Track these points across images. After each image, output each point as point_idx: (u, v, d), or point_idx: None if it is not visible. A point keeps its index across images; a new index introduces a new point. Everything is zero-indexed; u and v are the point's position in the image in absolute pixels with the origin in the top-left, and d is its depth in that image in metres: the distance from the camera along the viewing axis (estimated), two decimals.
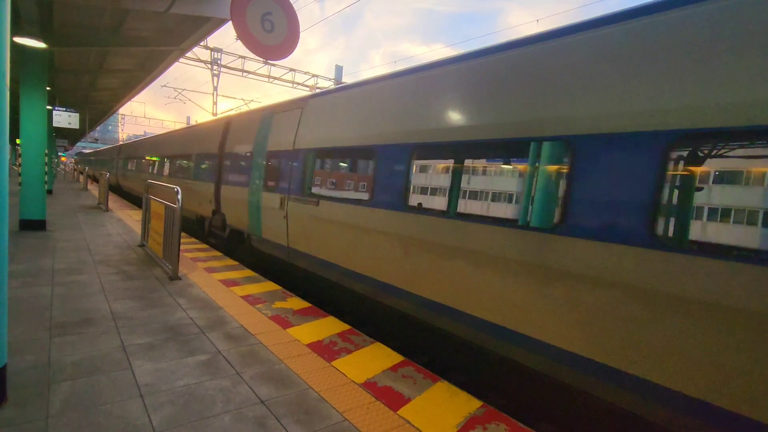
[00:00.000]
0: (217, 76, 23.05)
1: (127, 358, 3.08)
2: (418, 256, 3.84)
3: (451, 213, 3.56)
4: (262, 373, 3.04)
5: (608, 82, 2.68)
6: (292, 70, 23.44)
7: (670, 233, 2.35)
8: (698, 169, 2.30)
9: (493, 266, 3.23)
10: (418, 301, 3.88)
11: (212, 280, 5.50)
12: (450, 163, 3.63)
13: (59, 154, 34.39)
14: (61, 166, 40.69)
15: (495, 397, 3.77)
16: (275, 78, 23.33)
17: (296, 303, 4.81)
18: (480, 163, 3.43)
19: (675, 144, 2.35)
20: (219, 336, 3.65)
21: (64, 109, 11.25)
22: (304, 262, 5.66)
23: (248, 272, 6.10)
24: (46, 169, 8.19)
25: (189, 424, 2.34)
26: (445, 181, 3.68)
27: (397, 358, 3.51)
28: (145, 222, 7.23)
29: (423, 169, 3.92)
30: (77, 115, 11.65)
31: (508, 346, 3.18)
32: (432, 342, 4.28)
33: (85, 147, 62.48)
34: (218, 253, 7.38)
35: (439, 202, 3.68)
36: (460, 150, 3.55)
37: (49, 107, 9.46)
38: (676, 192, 2.36)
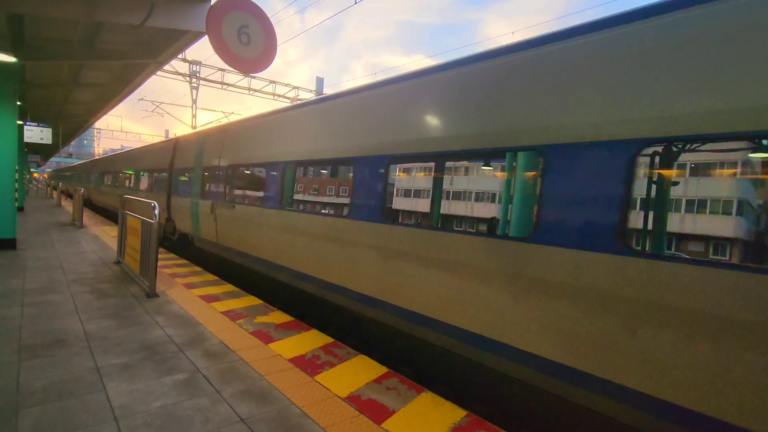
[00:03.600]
0: (196, 88, 22.83)
1: (101, 380, 2.97)
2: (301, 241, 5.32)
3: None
4: (242, 390, 2.97)
5: (571, 93, 2.78)
6: (272, 82, 23.41)
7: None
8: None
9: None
10: (319, 283, 5.02)
11: (191, 296, 5.37)
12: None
13: (31, 170, 33.34)
14: (33, 183, 39.38)
15: (479, 406, 3.77)
16: (255, 90, 23.23)
17: (278, 317, 4.74)
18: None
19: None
20: (198, 353, 3.56)
21: (36, 124, 10.94)
22: (230, 255, 7.31)
23: (229, 287, 5.99)
24: (17, 185, 7.92)
25: None
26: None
27: (381, 369, 3.49)
28: (122, 238, 7.04)
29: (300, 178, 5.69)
30: (50, 129, 11.34)
31: (484, 354, 3.20)
32: (416, 352, 4.27)
33: (60, 162, 60.73)
34: (198, 269, 7.23)
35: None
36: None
37: (20, 122, 9.18)
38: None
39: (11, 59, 7.00)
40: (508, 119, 3.11)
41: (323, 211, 5.16)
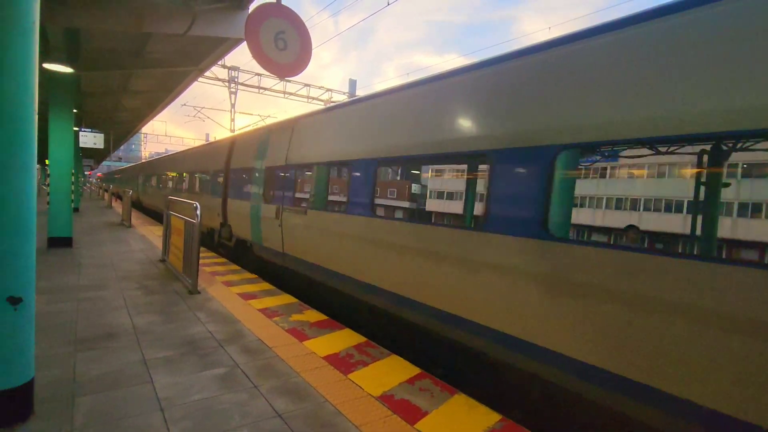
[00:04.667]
0: (235, 93, 23.67)
1: (148, 372, 3.14)
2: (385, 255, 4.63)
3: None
4: (278, 386, 3.05)
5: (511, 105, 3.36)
6: (306, 85, 23.90)
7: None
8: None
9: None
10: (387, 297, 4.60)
11: (230, 293, 5.57)
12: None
13: (85, 173, 35.62)
14: (87, 185, 42.13)
15: (514, 411, 3.68)
16: (290, 93, 23.82)
17: (313, 315, 4.83)
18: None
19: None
20: (237, 349, 3.69)
21: (90, 130, 11.72)
22: (298, 267, 6.42)
23: (266, 285, 6.16)
24: (73, 188, 8.50)
25: None
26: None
27: (414, 370, 3.48)
28: (166, 237, 7.41)
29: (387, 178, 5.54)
30: (102, 135, 12.12)
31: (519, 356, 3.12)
32: (449, 354, 4.24)
33: (110, 166, 64.60)
34: (236, 267, 7.49)
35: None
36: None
37: (75, 129, 9.87)
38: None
39: (69, 70, 7.54)
40: None
41: (441, 221, 4.43)
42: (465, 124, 3.82)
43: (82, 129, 11.60)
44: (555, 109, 3.07)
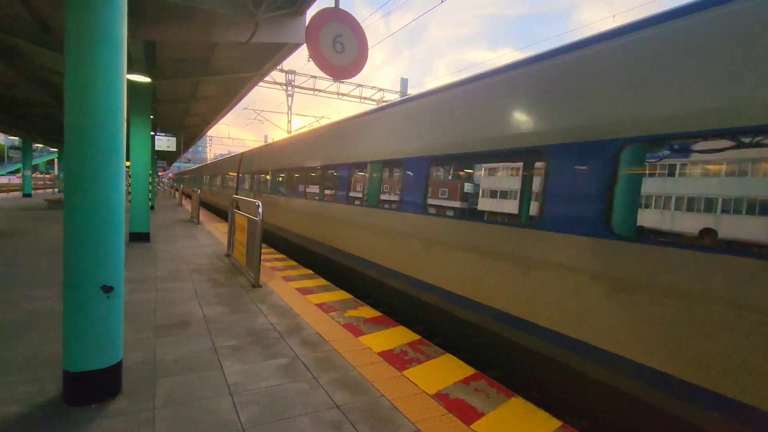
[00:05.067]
0: (291, 96, 24.58)
1: (218, 359, 3.38)
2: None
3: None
4: (336, 378, 3.16)
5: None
6: (359, 85, 24.27)
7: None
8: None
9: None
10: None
11: (289, 288, 5.83)
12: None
13: (159, 173, 38.76)
14: (160, 185, 45.85)
15: (576, 419, 3.53)
16: (344, 94, 24.33)
17: (367, 312, 4.93)
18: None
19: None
20: (297, 341, 3.86)
21: (164, 134, 12.76)
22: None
23: (322, 281, 6.38)
24: (150, 188, 9.32)
25: (272, 424, 2.50)
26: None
27: (469, 370, 3.45)
28: (231, 234, 7.90)
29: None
30: (174, 138, 13.15)
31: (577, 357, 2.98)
32: (504, 355, 4.14)
33: (180, 167, 69.83)
34: (294, 263, 7.81)
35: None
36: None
37: (151, 133, 10.80)
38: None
39: (146, 80, 8.27)
40: None
41: (497, 219, 4.19)
42: (521, 119, 3.71)
43: (157, 133, 12.68)
44: (619, 100, 2.90)
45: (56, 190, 32.89)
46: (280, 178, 10.70)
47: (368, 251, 6.01)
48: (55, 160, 41.43)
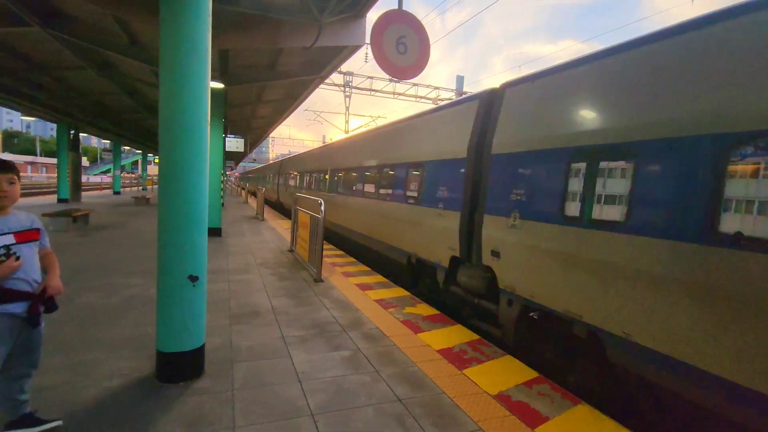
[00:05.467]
0: (349, 97, 25.15)
1: (287, 348, 3.60)
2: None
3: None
4: (397, 373, 3.24)
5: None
6: (415, 85, 24.28)
7: None
8: None
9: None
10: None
11: (349, 283, 6.02)
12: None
13: (228, 172, 41.43)
14: (227, 184, 49.03)
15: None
16: (399, 94, 24.47)
17: (425, 309, 4.97)
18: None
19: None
20: (358, 335, 4.00)
21: (233, 136, 13.66)
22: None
23: (380, 278, 6.51)
24: (223, 186, 10.03)
25: (339, 412, 2.63)
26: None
27: (532, 374, 3.37)
28: (294, 230, 8.30)
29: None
30: (242, 140, 14.03)
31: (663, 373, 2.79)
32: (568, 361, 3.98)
33: (245, 166, 74.13)
34: (352, 259, 8.04)
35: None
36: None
37: (223, 135, 11.61)
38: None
39: (221, 86, 8.91)
40: None
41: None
42: (603, 113, 3.48)
43: (228, 135, 13.61)
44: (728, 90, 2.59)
45: (140, 188, 36.34)
46: (351, 176, 9.87)
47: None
48: (139, 161, 45.82)
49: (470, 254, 4.97)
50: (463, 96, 6.29)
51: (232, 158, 30.13)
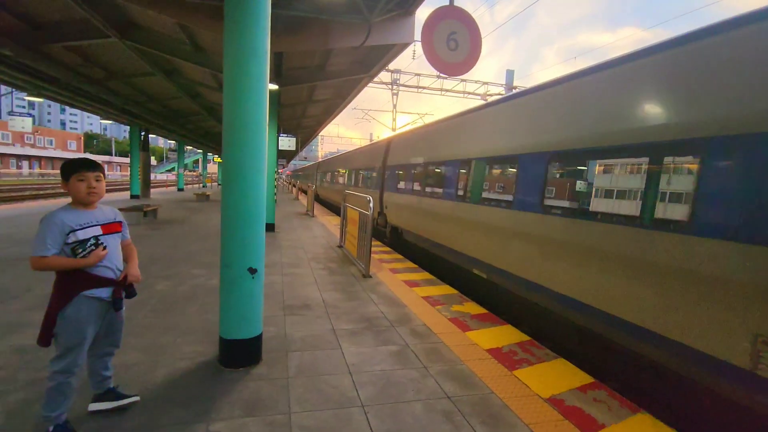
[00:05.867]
0: (396, 94, 25.21)
1: (337, 340, 3.72)
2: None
3: None
4: (445, 370, 3.25)
5: None
6: (463, 80, 23.84)
7: None
8: None
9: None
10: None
11: (396, 280, 6.08)
12: None
13: (281, 170, 43.04)
14: (279, 181, 50.92)
15: None
16: (447, 90, 24.15)
17: (473, 308, 4.91)
18: None
19: None
20: (406, 331, 4.04)
21: (286, 135, 14.16)
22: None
23: (426, 275, 6.51)
24: (276, 183, 10.47)
25: (388, 405, 2.69)
26: None
27: (587, 378, 3.24)
28: (343, 227, 8.49)
29: None
30: (294, 138, 14.50)
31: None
32: (624, 367, 3.78)
33: (296, 164, 76.64)
34: (399, 256, 8.09)
35: None
36: None
37: (277, 135, 12.07)
38: None
39: (275, 87, 9.29)
40: None
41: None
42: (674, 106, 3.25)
43: (281, 134, 14.13)
44: None
45: (201, 185, 38.72)
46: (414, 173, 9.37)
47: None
48: (200, 159, 48.82)
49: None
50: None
51: (284, 156, 31.29)
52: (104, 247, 2.24)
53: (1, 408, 2.44)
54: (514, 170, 5.09)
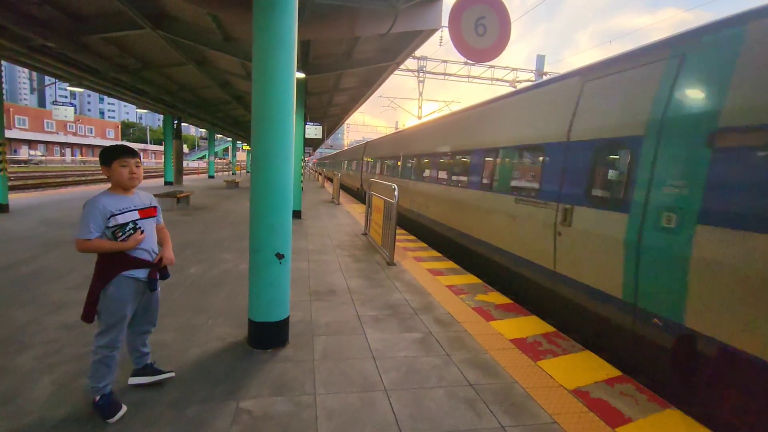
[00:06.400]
0: (422, 82, 24.88)
1: (362, 326, 3.79)
2: None
3: None
4: (468, 358, 3.26)
5: None
6: (491, 67, 23.28)
7: None
8: None
9: None
10: None
11: (420, 268, 6.10)
12: None
13: (308, 158, 43.54)
14: (306, 169, 51.54)
15: None
16: (475, 77, 23.66)
17: (497, 297, 4.88)
18: None
19: None
20: (429, 319, 4.07)
21: (312, 123, 14.27)
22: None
23: (451, 264, 6.50)
24: (303, 171, 10.61)
25: (411, 391, 2.74)
26: None
27: (613, 372, 3.18)
28: (368, 214, 8.55)
29: None
30: (320, 127, 14.60)
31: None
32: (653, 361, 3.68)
33: (322, 152, 77.26)
34: (423, 245, 8.09)
35: None
36: None
37: (304, 123, 12.18)
38: None
39: (302, 76, 9.36)
40: None
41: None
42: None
43: (308, 123, 14.26)
44: None
45: (230, 173, 39.68)
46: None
47: None
48: (229, 147, 49.96)
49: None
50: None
51: (311, 145, 31.59)
52: (141, 231, 2.36)
53: (53, 378, 2.64)
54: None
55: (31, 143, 51.29)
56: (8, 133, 41.09)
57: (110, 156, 2.31)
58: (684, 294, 3.07)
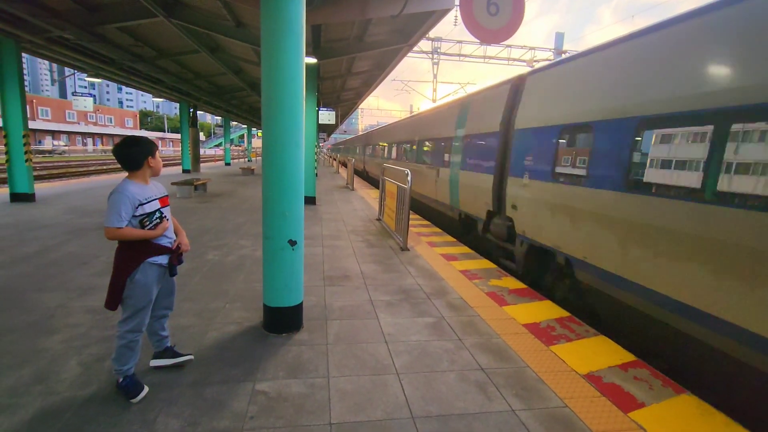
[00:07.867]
0: (437, 64, 24.43)
1: (375, 310, 3.84)
2: None
3: None
4: (480, 343, 3.28)
5: None
6: (508, 46, 22.65)
7: None
8: None
9: None
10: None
11: (434, 253, 6.11)
12: None
13: (323, 143, 43.55)
14: (320, 155, 51.62)
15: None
16: (491, 57, 23.11)
17: (511, 282, 4.86)
18: None
19: None
20: (442, 303, 4.09)
21: (325, 108, 14.27)
22: None
23: (465, 249, 6.48)
24: (317, 157, 10.64)
25: (422, 374, 2.78)
26: None
27: (628, 356, 3.16)
28: (381, 200, 8.56)
29: None
30: (333, 112, 14.60)
31: None
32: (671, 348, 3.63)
33: (336, 138, 77.18)
34: (438, 230, 8.08)
35: None
36: None
37: (316, 108, 12.18)
38: None
39: (314, 61, 9.29)
40: None
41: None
42: None
43: (321, 108, 14.26)
44: None
45: (246, 159, 40.08)
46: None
47: None
48: (245, 134, 50.33)
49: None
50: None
51: (324, 130, 31.55)
52: (166, 219, 2.45)
53: (80, 360, 2.77)
54: None
55: (54, 134, 52.65)
56: (32, 124, 42.41)
57: (152, 147, 2.44)
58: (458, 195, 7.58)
